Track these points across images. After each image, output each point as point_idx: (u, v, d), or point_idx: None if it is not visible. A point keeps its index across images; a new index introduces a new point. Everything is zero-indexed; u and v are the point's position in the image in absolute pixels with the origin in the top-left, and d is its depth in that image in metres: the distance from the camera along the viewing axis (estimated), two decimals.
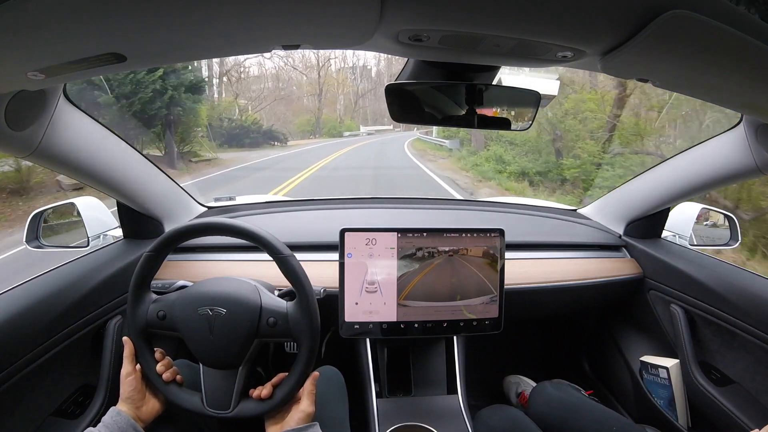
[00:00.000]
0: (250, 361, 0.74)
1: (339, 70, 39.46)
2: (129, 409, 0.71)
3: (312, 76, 36.42)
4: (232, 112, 21.79)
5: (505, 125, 0.85)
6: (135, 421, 0.70)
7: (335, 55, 37.12)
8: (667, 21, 0.41)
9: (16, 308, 0.75)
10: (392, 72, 35.87)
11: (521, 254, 1.23)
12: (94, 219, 1.11)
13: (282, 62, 33.66)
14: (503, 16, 0.46)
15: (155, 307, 0.75)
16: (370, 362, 1.09)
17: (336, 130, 32.66)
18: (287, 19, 0.45)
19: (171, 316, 0.74)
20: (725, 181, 0.99)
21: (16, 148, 0.69)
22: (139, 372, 0.75)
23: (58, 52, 0.45)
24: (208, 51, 0.56)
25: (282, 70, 34.56)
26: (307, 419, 0.72)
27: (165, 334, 0.75)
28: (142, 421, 0.72)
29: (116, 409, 0.70)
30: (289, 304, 0.73)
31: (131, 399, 0.72)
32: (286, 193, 7.45)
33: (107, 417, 0.69)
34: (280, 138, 22.14)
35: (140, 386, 0.74)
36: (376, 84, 40.73)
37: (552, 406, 0.97)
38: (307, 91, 36.41)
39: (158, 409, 0.75)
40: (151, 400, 0.75)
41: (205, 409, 0.73)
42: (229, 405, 0.73)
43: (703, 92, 0.67)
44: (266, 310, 0.72)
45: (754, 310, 0.94)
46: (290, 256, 0.72)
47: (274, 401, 0.73)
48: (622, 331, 1.37)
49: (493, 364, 1.51)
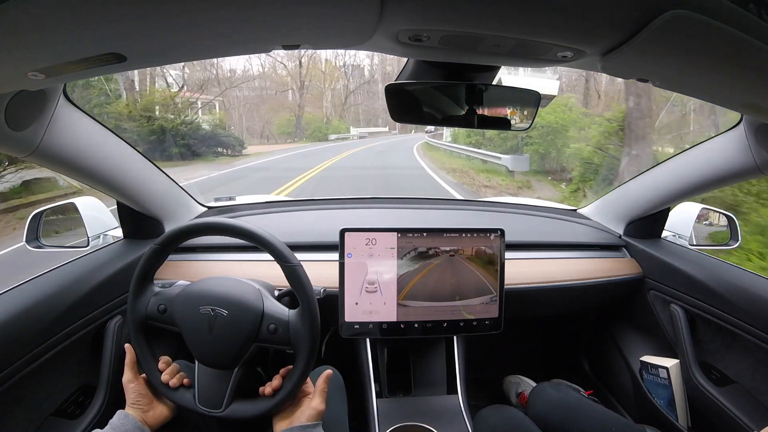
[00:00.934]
0: (246, 363, 0.74)
1: (326, 61, 33.58)
2: (136, 413, 0.72)
3: (292, 66, 30.51)
4: (169, 108, 14.44)
5: (505, 125, 0.85)
6: (142, 425, 0.70)
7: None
8: (667, 21, 0.41)
9: (16, 308, 0.75)
10: (386, 71, 32.12)
11: (521, 254, 1.23)
12: (94, 219, 1.11)
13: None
14: (503, 16, 0.46)
15: (156, 300, 0.75)
16: (370, 362, 1.09)
17: (321, 132, 27.34)
18: (287, 19, 0.45)
19: (172, 310, 0.74)
20: (725, 181, 0.99)
21: (16, 148, 0.69)
22: (142, 378, 0.75)
23: (58, 52, 0.45)
24: (209, 51, 0.56)
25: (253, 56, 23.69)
26: (318, 417, 0.72)
27: (164, 328, 0.75)
28: (149, 426, 0.72)
29: (124, 412, 0.71)
30: (291, 312, 0.73)
31: (137, 404, 0.72)
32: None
33: (115, 419, 0.69)
34: (230, 144, 16.06)
35: (145, 391, 0.74)
36: (369, 80, 35.85)
37: (551, 407, 0.97)
38: (284, 84, 30.47)
39: (167, 414, 0.75)
40: (159, 405, 0.75)
41: (197, 407, 0.73)
42: (220, 405, 0.73)
43: (703, 92, 0.67)
44: (268, 316, 0.72)
45: (754, 310, 0.94)
46: (298, 265, 0.73)
47: (265, 406, 0.73)
48: (622, 331, 1.37)
49: (493, 364, 1.52)
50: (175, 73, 18.40)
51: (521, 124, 0.85)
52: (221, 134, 16.03)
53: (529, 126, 0.85)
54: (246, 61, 30.40)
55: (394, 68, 28.71)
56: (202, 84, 20.05)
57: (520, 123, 0.85)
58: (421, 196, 1.63)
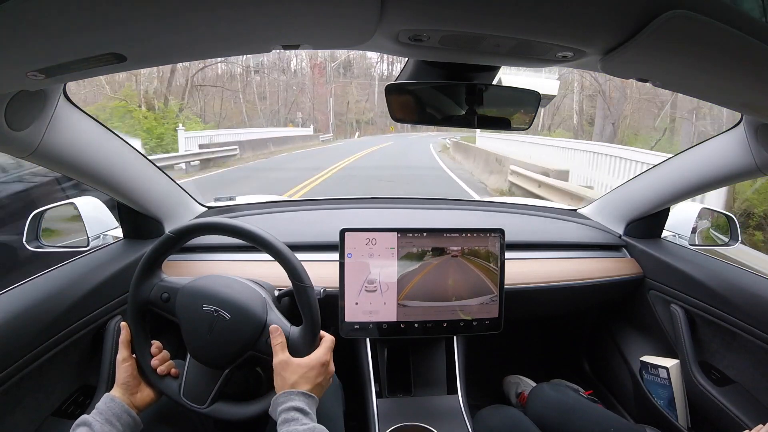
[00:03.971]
0: (237, 367, 0.74)
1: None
2: (123, 395, 0.71)
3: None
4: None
5: (505, 125, 0.85)
6: (129, 408, 0.70)
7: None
8: (667, 21, 0.41)
9: (16, 308, 0.75)
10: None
11: (521, 254, 1.23)
12: (94, 219, 1.10)
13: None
14: (503, 16, 0.46)
15: (161, 287, 0.75)
16: (370, 362, 1.09)
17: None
18: (287, 20, 0.46)
19: (174, 301, 0.74)
20: (725, 181, 0.99)
21: (16, 148, 0.69)
22: (134, 359, 0.75)
23: (58, 52, 0.45)
24: (209, 51, 0.56)
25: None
26: (324, 371, 0.72)
27: (162, 316, 0.75)
28: (136, 408, 0.72)
29: (110, 395, 0.70)
30: (293, 329, 0.73)
31: (126, 385, 0.72)
32: None
33: (101, 403, 0.68)
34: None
35: (135, 373, 0.74)
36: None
37: (550, 408, 0.97)
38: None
39: (153, 397, 0.75)
40: (146, 388, 0.75)
41: (180, 398, 0.73)
42: (204, 401, 0.73)
43: (703, 92, 0.68)
44: (269, 329, 0.72)
45: (754, 310, 0.94)
46: (310, 288, 0.73)
47: (248, 412, 0.73)
48: (622, 331, 1.37)
49: (493, 364, 1.52)
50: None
51: (521, 124, 0.85)
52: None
53: (528, 126, 0.85)
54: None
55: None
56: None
57: (521, 123, 0.85)
58: (422, 196, 1.63)
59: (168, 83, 17.38)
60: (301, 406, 0.65)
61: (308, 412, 0.65)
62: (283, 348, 0.71)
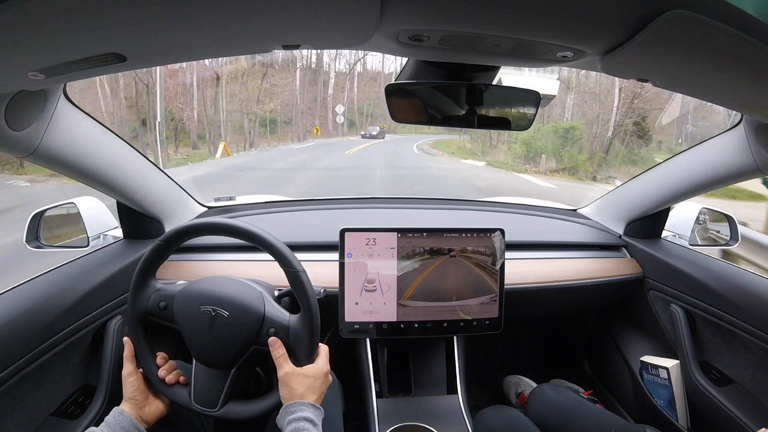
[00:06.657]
0: (243, 365, 0.74)
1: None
2: (132, 409, 0.71)
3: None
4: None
5: (505, 125, 0.85)
6: (138, 422, 0.70)
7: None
8: (667, 21, 0.41)
9: (16, 308, 0.75)
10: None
11: (521, 254, 1.23)
12: (94, 219, 1.10)
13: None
14: (503, 16, 0.47)
15: (157, 296, 0.75)
16: (370, 362, 1.09)
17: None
18: (287, 20, 0.46)
19: (172, 307, 0.74)
20: (725, 181, 0.99)
21: (16, 148, 0.69)
22: (140, 373, 0.75)
23: (58, 52, 0.45)
24: (209, 51, 0.56)
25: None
26: (326, 380, 0.73)
27: (163, 325, 0.75)
28: (145, 422, 0.72)
29: (119, 409, 0.70)
30: (291, 317, 0.73)
31: (134, 399, 0.72)
32: None
33: (110, 417, 0.69)
34: None
35: (143, 386, 0.74)
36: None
37: (550, 408, 0.97)
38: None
39: (162, 410, 0.75)
40: (155, 401, 0.75)
41: (192, 404, 0.73)
42: (216, 404, 0.73)
43: (703, 92, 0.67)
44: (268, 320, 0.72)
45: (754, 310, 0.94)
46: (302, 271, 0.73)
47: (260, 408, 0.73)
48: (622, 331, 1.37)
49: (493, 364, 1.52)
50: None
51: (521, 124, 0.85)
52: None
53: (528, 126, 0.85)
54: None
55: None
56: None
57: (520, 123, 0.85)
58: (422, 197, 1.63)
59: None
60: (312, 417, 0.66)
61: (317, 424, 0.66)
62: (286, 359, 0.71)
